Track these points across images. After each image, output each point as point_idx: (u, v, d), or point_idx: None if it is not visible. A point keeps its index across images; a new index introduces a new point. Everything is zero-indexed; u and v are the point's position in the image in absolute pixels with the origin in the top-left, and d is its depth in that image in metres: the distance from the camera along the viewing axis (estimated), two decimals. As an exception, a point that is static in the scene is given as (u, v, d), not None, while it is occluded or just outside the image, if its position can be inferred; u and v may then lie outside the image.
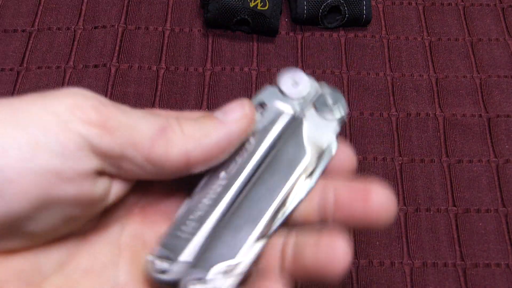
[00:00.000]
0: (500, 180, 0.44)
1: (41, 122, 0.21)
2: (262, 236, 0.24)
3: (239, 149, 0.25)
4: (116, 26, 0.49)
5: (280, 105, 0.26)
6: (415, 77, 0.48)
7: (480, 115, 0.46)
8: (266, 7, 0.47)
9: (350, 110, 0.46)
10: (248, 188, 0.25)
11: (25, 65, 0.46)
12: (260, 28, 0.48)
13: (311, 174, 0.25)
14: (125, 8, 0.50)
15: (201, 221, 0.24)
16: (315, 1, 0.48)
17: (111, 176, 0.23)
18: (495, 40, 0.50)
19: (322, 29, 0.50)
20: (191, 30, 0.49)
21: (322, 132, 0.26)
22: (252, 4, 0.47)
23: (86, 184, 0.22)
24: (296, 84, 0.27)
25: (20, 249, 0.22)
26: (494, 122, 0.46)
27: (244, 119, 0.24)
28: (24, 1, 0.50)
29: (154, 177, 0.24)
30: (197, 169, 0.24)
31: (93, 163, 0.22)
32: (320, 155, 0.26)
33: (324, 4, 0.48)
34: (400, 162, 0.44)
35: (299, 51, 0.49)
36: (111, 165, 0.22)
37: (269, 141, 0.26)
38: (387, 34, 0.50)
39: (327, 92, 0.27)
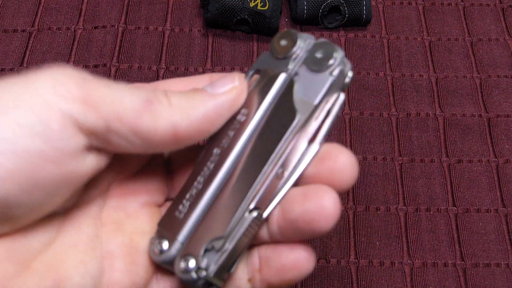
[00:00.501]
0: (500, 180, 0.44)
1: (23, 103, 0.20)
2: (254, 207, 0.24)
3: (232, 122, 0.24)
4: (116, 26, 0.49)
5: (272, 68, 0.25)
6: (415, 77, 0.48)
7: (480, 115, 0.46)
8: (266, 7, 0.47)
9: (350, 110, 0.46)
10: (240, 161, 0.24)
11: (25, 65, 0.46)
12: (260, 28, 0.48)
13: (313, 138, 0.25)
14: (125, 8, 0.50)
15: (196, 200, 0.24)
16: (315, 1, 0.48)
17: (99, 150, 0.23)
18: (495, 40, 0.50)
19: (322, 29, 0.50)
20: (191, 30, 0.49)
21: (314, 88, 0.25)
22: (252, 4, 0.47)
23: (73, 162, 0.21)
24: (285, 42, 0.25)
25: (8, 233, 0.22)
26: (494, 122, 0.46)
27: (233, 90, 0.24)
28: (24, 1, 0.50)
29: (143, 151, 0.23)
30: (186, 142, 0.23)
31: (79, 141, 0.21)
32: (315, 113, 0.24)
33: (324, 4, 0.48)
34: (400, 162, 0.44)
35: (299, 51, 0.49)
36: (98, 140, 0.22)
37: (262, 110, 0.24)
38: (387, 34, 0.50)
39: (319, 44, 0.25)
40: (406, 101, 0.47)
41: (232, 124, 0.24)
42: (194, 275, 0.23)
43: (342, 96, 0.25)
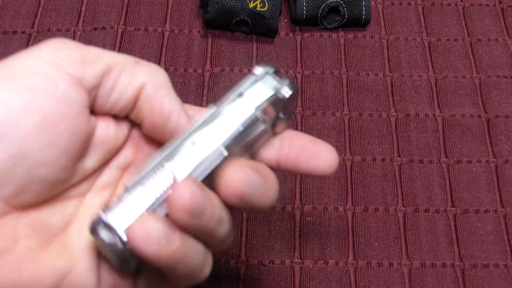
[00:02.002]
0: (499, 181, 0.44)
1: (31, 68, 0.23)
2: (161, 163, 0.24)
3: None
4: (115, 28, 0.49)
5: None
6: (414, 78, 0.48)
7: (479, 116, 0.46)
8: (266, 8, 0.47)
9: (349, 111, 0.46)
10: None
11: (25, 66, 0.46)
12: (260, 29, 0.48)
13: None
14: (124, 9, 0.50)
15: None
16: (314, 2, 0.48)
17: (95, 114, 0.26)
18: (495, 40, 0.50)
19: (322, 30, 0.50)
20: (191, 31, 0.49)
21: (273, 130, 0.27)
22: (251, 5, 0.47)
23: (80, 118, 0.24)
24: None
25: (31, 205, 0.24)
26: (493, 122, 0.46)
27: None
28: (23, 2, 0.50)
29: (119, 108, 0.26)
30: (146, 115, 0.26)
31: (83, 97, 0.24)
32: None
33: (324, 5, 0.48)
34: (399, 163, 0.44)
35: (299, 51, 0.49)
36: (95, 98, 0.25)
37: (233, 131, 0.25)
38: (387, 35, 0.50)
39: (290, 89, 0.27)
40: (405, 102, 0.47)
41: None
42: (109, 238, 0.23)
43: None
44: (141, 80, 0.25)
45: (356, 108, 0.46)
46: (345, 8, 0.49)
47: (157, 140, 0.27)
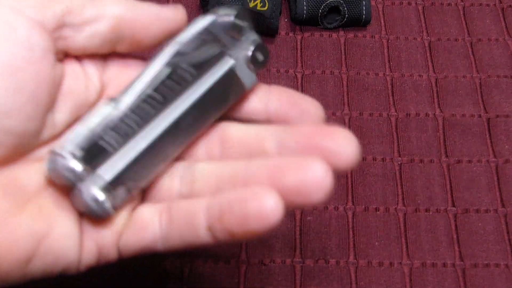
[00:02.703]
0: (499, 180, 0.44)
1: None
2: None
3: (176, 72, 0.25)
4: (115, 27, 0.49)
5: (222, 43, 0.27)
6: (414, 77, 0.48)
7: (480, 115, 0.46)
8: (266, 7, 0.47)
9: (349, 110, 0.46)
10: (173, 120, 0.25)
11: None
12: (260, 28, 0.48)
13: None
14: (124, 8, 0.50)
15: (127, 139, 0.24)
16: (314, 2, 0.48)
17: (60, 59, 0.25)
18: (495, 40, 0.50)
19: (322, 30, 0.50)
20: (191, 30, 0.49)
21: (242, 80, 0.26)
22: (251, 4, 0.47)
23: (45, 63, 0.23)
24: (241, 26, 0.27)
25: (1, 161, 0.23)
26: (494, 122, 0.46)
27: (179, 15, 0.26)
28: (24, 1, 0.50)
29: (96, 43, 0.25)
30: (127, 34, 0.26)
31: (45, 40, 0.23)
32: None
33: (324, 5, 0.48)
34: (399, 163, 0.44)
35: (299, 51, 0.49)
36: (57, 39, 0.24)
37: (207, 84, 0.26)
38: (387, 34, 0.50)
39: (256, 42, 0.27)
40: (405, 101, 0.47)
41: (175, 75, 0.25)
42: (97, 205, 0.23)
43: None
44: (110, 11, 0.25)
45: (357, 108, 0.46)
46: (345, 8, 0.49)
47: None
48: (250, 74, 0.27)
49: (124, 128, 0.24)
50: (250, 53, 0.27)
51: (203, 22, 0.26)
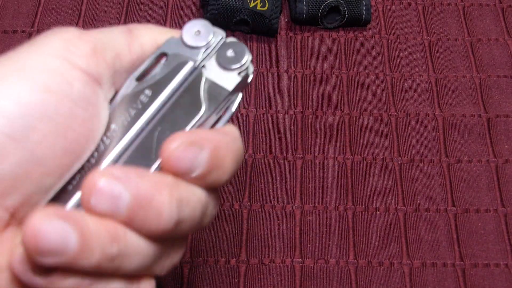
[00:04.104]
0: (499, 180, 0.44)
1: (43, 64, 0.21)
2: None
3: (134, 100, 0.24)
4: (115, 27, 0.49)
5: (180, 56, 0.25)
6: (414, 77, 0.48)
7: (480, 115, 0.46)
8: (266, 8, 0.47)
9: (349, 110, 0.46)
10: (136, 142, 0.24)
11: (25, 65, 0.46)
12: (260, 28, 0.48)
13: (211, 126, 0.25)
14: (124, 8, 0.50)
15: (81, 179, 0.23)
16: (314, 1, 0.48)
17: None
18: (495, 40, 0.50)
19: (322, 29, 0.50)
20: (191, 30, 0.49)
21: (221, 84, 0.25)
22: (251, 5, 0.47)
23: (97, 121, 0.22)
24: (198, 32, 0.25)
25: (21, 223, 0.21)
26: (494, 122, 0.46)
27: None
28: (24, 1, 0.50)
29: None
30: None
31: (100, 94, 0.22)
32: (218, 108, 0.25)
33: (324, 4, 0.48)
34: (399, 162, 0.44)
35: (299, 51, 0.49)
36: (108, 89, 0.23)
37: (166, 94, 0.24)
38: (387, 34, 0.50)
39: (230, 43, 0.26)
40: (405, 101, 0.47)
41: (134, 103, 0.24)
42: None
43: (240, 95, 0.26)
44: (149, 42, 0.24)
45: (357, 108, 0.46)
46: (345, 8, 0.49)
47: None
48: (228, 75, 0.25)
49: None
50: (218, 56, 0.25)
51: (161, 47, 0.25)
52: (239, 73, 0.25)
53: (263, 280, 0.39)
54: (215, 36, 0.25)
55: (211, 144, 0.22)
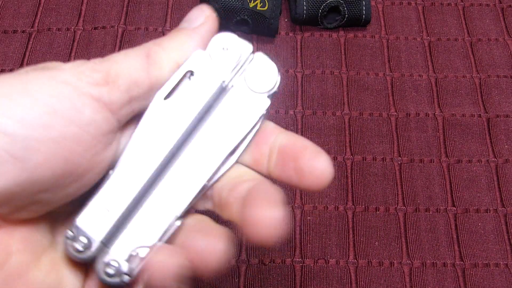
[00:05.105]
0: (499, 180, 0.44)
1: (54, 90, 0.21)
2: (180, 217, 0.24)
3: (166, 122, 0.24)
4: (116, 27, 0.49)
5: (208, 73, 0.24)
6: (414, 77, 0.48)
7: (480, 115, 0.46)
8: (266, 8, 0.47)
9: (349, 110, 0.46)
10: (170, 165, 0.24)
11: (25, 66, 0.46)
12: (260, 28, 0.48)
13: (234, 149, 0.24)
14: (124, 8, 0.50)
15: (120, 199, 0.23)
16: (314, 2, 0.48)
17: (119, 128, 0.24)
18: (495, 40, 0.50)
19: (322, 29, 0.50)
20: (191, 30, 0.49)
21: (249, 105, 0.24)
22: (251, 5, 0.47)
23: (102, 147, 0.22)
24: (226, 48, 0.24)
25: (27, 221, 0.22)
26: (494, 122, 0.46)
27: (209, 21, 0.25)
28: (24, 2, 0.50)
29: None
30: None
31: (110, 123, 0.22)
32: (245, 129, 0.24)
33: (324, 5, 0.48)
34: (399, 162, 0.44)
35: (299, 51, 0.49)
36: (123, 115, 0.23)
37: (196, 117, 0.24)
38: (387, 34, 0.50)
39: (259, 60, 0.25)
40: (405, 101, 0.47)
41: (166, 125, 0.24)
42: (117, 279, 0.23)
43: (264, 112, 0.25)
44: (171, 63, 0.24)
45: (357, 108, 0.46)
46: (345, 8, 0.49)
47: None
48: (260, 98, 0.24)
49: (131, 202, 0.24)
50: (252, 79, 0.24)
51: (188, 64, 0.24)
52: (268, 96, 0.25)
53: (263, 280, 0.39)
54: (244, 52, 0.25)
55: None
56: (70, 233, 0.23)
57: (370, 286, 0.39)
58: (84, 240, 0.23)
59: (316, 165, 0.23)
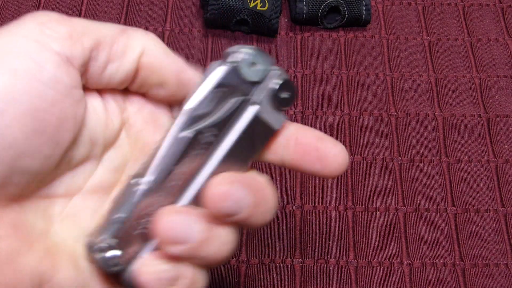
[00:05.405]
0: (499, 180, 0.44)
1: (14, 48, 0.21)
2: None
3: (198, 141, 0.24)
4: (116, 27, 0.49)
5: (238, 90, 0.24)
6: (414, 77, 0.48)
7: (480, 115, 0.46)
8: (266, 8, 0.47)
9: (349, 110, 0.46)
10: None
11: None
12: (260, 28, 0.48)
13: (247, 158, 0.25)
14: (124, 8, 0.50)
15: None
16: (314, 2, 0.48)
17: (88, 90, 0.24)
18: (495, 40, 0.50)
19: (322, 29, 0.50)
20: (191, 30, 0.49)
21: (271, 123, 0.25)
22: (251, 5, 0.47)
23: (69, 101, 0.22)
24: (254, 64, 0.24)
25: (13, 199, 0.22)
26: (494, 122, 0.46)
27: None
28: (24, 2, 0.50)
29: (118, 79, 0.24)
30: (150, 69, 0.24)
31: (72, 77, 0.22)
32: (260, 142, 0.25)
33: (324, 4, 0.48)
34: (399, 162, 0.44)
35: (299, 51, 0.49)
36: (87, 73, 0.23)
37: (232, 139, 0.24)
38: (387, 34, 0.50)
39: (283, 82, 0.25)
40: (405, 101, 0.47)
41: (199, 144, 0.24)
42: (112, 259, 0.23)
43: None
44: (138, 47, 0.24)
45: (357, 108, 0.46)
46: (345, 8, 0.49)
47: (169, 102, 0.26)
48: (277, 114, 0.25)
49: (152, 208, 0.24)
50: (274, 96, 0.25)
51: (215, 76, 0.24)
52: (285, 114, 0.25)
53: (263, 280, 0.39)
54: (272, 71, 0.25)
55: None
56: (96, 244, 0.23)
57: (370, 286, 0.39)
58: (116, 253, 0.23)
59: (337, 152, 0.25)
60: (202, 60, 0.48)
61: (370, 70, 0.48)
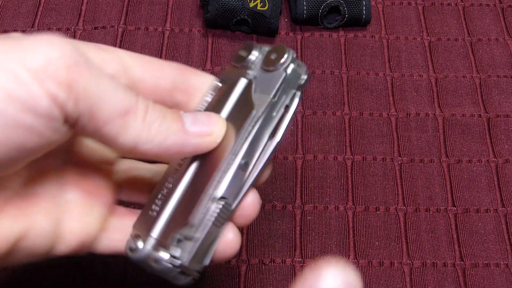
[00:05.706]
0: (499, 180, 0.44)
1: (15, 75, 0.21)
2: (221, 197, 0.25)
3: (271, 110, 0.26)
4: (116, 27, 0.49)
5: (235, 78, 0.27)
6: (414, 77, 0.48)
7: (480, 115, 0.46)
8: (266, 7, 0.47)
9: (349, 110, 0.46)
10: (205, 156, 0.26)
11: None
12: (260, 28, 0.48)
13: (274, 132, 0.26)
14: (125, 8, 0.50)
15: (167, 197, 0.25)
16: (314, 1, 0.48)
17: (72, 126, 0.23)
18: (495, 40, 0.50)
19: (322, 29, 0.50)
20: (191, 30, 0.49)
21: (270, 84, 0.26)
22: (251, 4, 0.47)
23: (54, 134, 0.22)
24: (244, 53, 0.28)
25: None
26: (494, 122, 0.46)
27: (209, 137, 0.25)
28: (24, 1, 0.50)
29: (104, 145, 0.24)
30: (142, 156, 0.25)
31: (61, 118, 0.22)
32: (274, 109, 0.26)
33: (324, 4, 0.48)
34: (399, 162, 0.44)
35: (299, 51, 0.49)
36: (71, 122, 0.23)
37: (226, 112, 0.26)
38: (387, 34, 0.50)
39: (273, 48, 0.27)
40: (405, 101, 0.47)
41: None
42: (168, 264, 0.24)
43: (298, 93, 0.27)
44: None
45: (357, 108, 0.46)
46: (345, 8, 0.49)
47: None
48: (273, 75, 0.27)
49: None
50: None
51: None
52: (284, 70, 0.26)
53: (263, 280, 0.39)
54: (258, 50, 0.28)
55: None
56: (129, 238, 0.25)
57: (370, 286, 0.39)
58: (139, 240, 0.25)
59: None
60: (202, 60, 0.48)
61: (370, 70, 0.48)
